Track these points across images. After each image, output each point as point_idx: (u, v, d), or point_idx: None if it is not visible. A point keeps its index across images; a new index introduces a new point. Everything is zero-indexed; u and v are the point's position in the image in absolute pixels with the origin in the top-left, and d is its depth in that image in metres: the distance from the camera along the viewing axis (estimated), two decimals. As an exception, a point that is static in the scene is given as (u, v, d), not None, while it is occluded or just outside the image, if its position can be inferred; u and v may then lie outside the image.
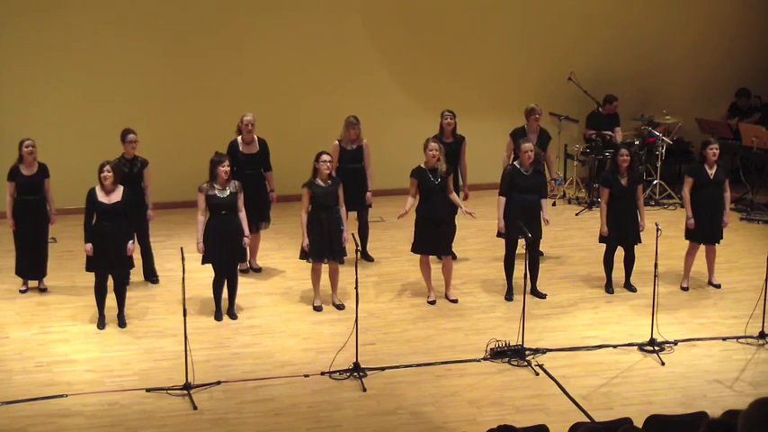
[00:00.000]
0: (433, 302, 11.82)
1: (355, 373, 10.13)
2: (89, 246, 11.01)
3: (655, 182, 15.17)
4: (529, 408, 9.59)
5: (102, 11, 14.46)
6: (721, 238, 12.11)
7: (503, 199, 11.72)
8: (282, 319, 11.51)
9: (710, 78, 16.36)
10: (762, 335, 10.91)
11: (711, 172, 11.94)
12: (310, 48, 15.07)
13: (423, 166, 11.61)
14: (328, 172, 11.38)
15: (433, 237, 11.63)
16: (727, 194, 12.09)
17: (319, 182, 11.38)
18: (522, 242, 11.45)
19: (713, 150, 11.88)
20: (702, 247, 12.15)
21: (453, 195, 11.76)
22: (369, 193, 12.77)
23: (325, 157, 11.40)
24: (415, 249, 11.78)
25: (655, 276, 10.85)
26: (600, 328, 11.28)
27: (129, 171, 11.91)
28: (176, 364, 10.08)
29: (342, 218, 11.49)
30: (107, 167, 11.04)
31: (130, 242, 11.16)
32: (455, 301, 11.85)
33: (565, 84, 15.55)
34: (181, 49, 14.73)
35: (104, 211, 11.00)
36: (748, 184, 15.20)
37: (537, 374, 10.25)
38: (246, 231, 11.36)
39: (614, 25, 15.99)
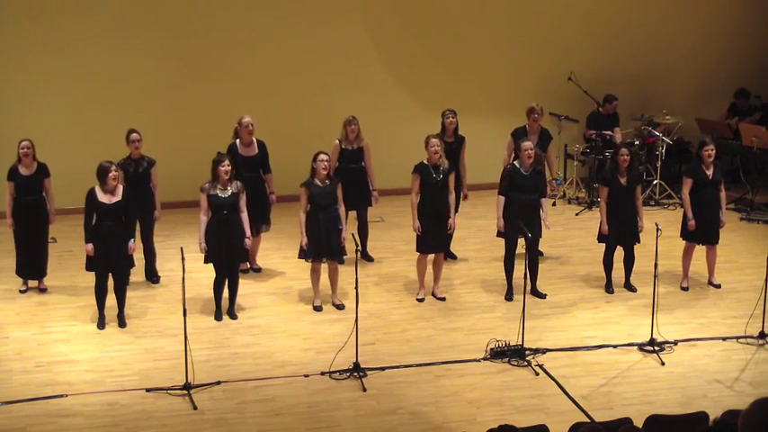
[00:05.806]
0: (421, 300, 11.83)
1: (355, 373, 10.14)
2: (90, 246, 11.01)
3: (655, 182, 15.16)
4: (529, 408, 9.59)
5: (102, 11, 14.45)
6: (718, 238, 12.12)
7: (502, 198, 11.71)
8: (282, 319, 11.51)
9: (710, 78, 16.35)
10: (762, 335, 10.91)
11: (710, 172, 11.94)
12: (310, 48, 15.06)
13: (425, 162, 11.61)
14: (326, 172, 11.38)
15: (436, 234, 11.63)
16: (723, 194, 12.10)
17: (317, 182, 11.38)
18: (521, 242, 11.46)
19: (709, 151, 11.87)
20: (700, 247, 12.15)
21: (452, 197, 11.73)
22: (375, 193, 12.77)
23: (322, 156, 11.40)
24: (420, 248, 11.74)
25: (654, 276, 10.84)
26: (600, 328, 11.28)
27: (135, 171, 11.90)
28: (176, 364, 10.08)
29: (341, 217, 11.49)
30: (114, 167, 11.05)
31: (131, 241, 11.17)
32: (442, 299, 11.86)
33: (565, 84, 15.55)
34: (180, 50, 14.72)
35: (105, 210, 10.99)
36: (748, 184, 15.19)
37: (537, 374, 10.25)
38: (248, 232, 11.35)
39: (614, 25, 15.99)
